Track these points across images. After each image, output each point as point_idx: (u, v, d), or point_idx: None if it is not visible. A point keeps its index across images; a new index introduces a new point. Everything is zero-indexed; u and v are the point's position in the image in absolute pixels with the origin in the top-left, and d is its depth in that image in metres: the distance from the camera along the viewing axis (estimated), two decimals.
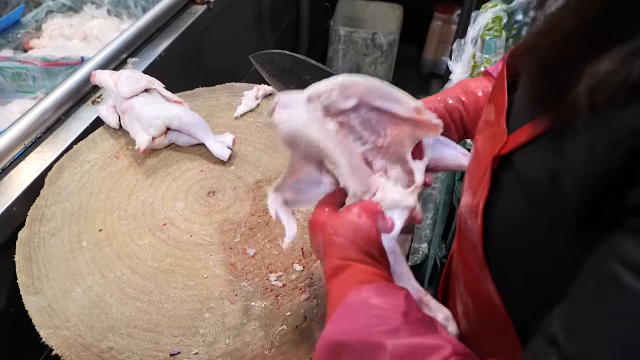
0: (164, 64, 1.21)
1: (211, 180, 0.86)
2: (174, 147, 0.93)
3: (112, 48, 1.14)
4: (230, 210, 0.81)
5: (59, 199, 0.82)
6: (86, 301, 0.68)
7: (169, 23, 1.30)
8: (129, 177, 0.87)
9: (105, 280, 0.71)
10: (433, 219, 1.61)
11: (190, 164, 0.90)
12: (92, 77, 0.97)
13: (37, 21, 1.70)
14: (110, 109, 0.95)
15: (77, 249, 0.75)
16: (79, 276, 0.71)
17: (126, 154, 0.91)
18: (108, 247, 0.75)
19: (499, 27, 1.13)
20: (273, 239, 0.77)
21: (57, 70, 1.42)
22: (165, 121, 0.87)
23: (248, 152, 0.92)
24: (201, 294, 0.69)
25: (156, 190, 0.84)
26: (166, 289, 0.70)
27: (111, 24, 1.69)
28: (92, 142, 0.93)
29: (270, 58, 0.91)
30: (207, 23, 1.41)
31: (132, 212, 0.80)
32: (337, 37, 2.49)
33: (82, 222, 0.79)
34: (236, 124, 0.99)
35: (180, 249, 0.75)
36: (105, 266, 0.73)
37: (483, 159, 0.45)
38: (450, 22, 2.64)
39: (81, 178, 0.86)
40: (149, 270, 0.72)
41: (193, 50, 1.36)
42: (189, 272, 0.72)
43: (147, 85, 0.91)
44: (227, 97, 1.05)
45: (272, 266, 0.73)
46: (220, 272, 0.72)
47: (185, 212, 0.81)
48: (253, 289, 0.70)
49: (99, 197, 0.83)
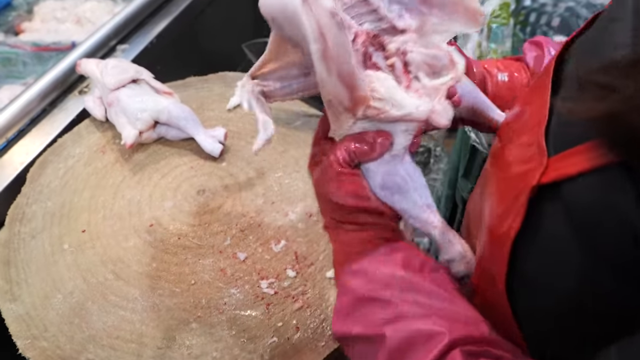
0: (155, 51, 1.15)
1: (201, 178, 0.82)
2: (164, 142, 0.88)
3: (101, 34, 1.09)
4: (220, 211, 0.77)
5: (41, 197, 0.78)
6: (66, 309, 0.65)
7: (162, 7, 1.24)
8: (115, 174, 0.82)
9: (88, 286, 0.67)
10: None
11: (180, 159, 0.85)
12: (77, 67, 0.92)
13: (29, 3, 1.64)
14: (97, 100, 0.90)
15: (59, 252, 0.71)
16: (60, 281, 0.68)
17: (113, 148, 0.86)
18: (91, 250, 0.71)
19: (506, 14, 1.07)
20: (265, 242, 0.73)
21: (47, 55, 1.38)
22: (153, 114, 0.82)
23: (241, 146, 0.88)
24: (188, 302, 0.66)
25: (143, 188, 0.80)
26: (151, 296, 0.66)
27: (105, 7, 1.63)
28: (78, 135, 0.89)
29: (264, 48, 0.86)
30: (202, 7, 1.35)
31: (117, 212, 0.76)
32: None
33: (65, 223, 0.75)
34: (229, 117, 0.94)
35: (168, 252, 0.71)
36: (87, 270, 0.69)
37: (515, 179, 0.39)
38: None
39: (65, 174, 0.82)
40: (133, 276, 0.68)
41: (187, 36, 1.30)
42: (175, 278, 0.68)
43: (134, 75, 0.86)
44: (220, 88, 1.00)
45: (264, 272, 0.69)
46: (208, 278, 0.68)
47: (173, 211, 0.77)
48: (243, 297, 0.66)
49: (83, 195, 0.79)
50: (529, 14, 1.33)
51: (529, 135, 0.40)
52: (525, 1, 1.29)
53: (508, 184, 0.41)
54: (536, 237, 0.37)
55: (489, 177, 0.48)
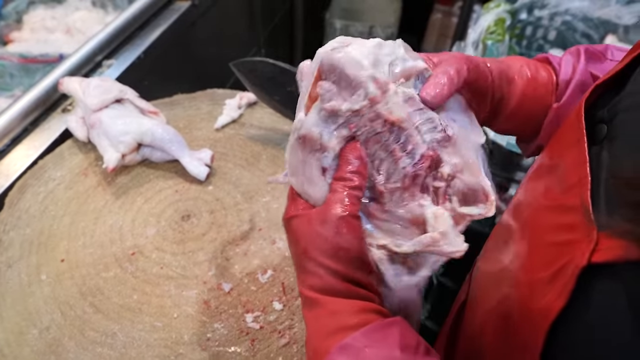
0: (143, 66, 1.13)
1: (187, 202, 0.79)
2: (148, 164, 0.85)
3: (87, 49, 1.06)
4: (205, 238, 0.74)
5: (19, 223, 0.75)
6: (42, 345, 0.62)
7: (150, 21, 1.21)
8: (97, 198, 0.79)
9: (65, 320, 0.64)
10: None
11: (165, 182, 0.82)
12: (59, 85, 0.89)
13: (18, 12, 1.62)
14: (80, 120, 0.87)
15: (36, 283, 0.68)
16: (36, 315, 0.65)
17: (95, 171, 0.83)
18: (70, 281, 0.68)
19: (501, 30, 1.05)
20: (251, 272, 0.70)
21: (35, 67, 1.35)
22: (136, 137, 0.79)
23: (228, 169, 0.85)
24: (170, 337, 0.63)
25: (126, 213, 0.77)
26: (131, 330, 0.63)
27: (95, 17, 1.61)
28: (60, 157, 0.86)
29: (253, 67, 0.83)
30: (192, 20, 1.32)
31: (98, 239, 0.73)
32: (333, 31, 2.40)
33: (43, 251, 0.72)
34: (216, 137, 0.91)
35: (150, 283, 0.68)
36: (65, 303, 0.66)
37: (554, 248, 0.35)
38: (451, 14, 2.55)
39: (44, 199, 0.79)
40: (113, 309, 0.65)
41: (176, 50, 1.28)
42: (157, 311, 0.65)
43: (118, 95, 0.84)
44: (208, 106, 0.97)
45: (249, 304, 0.66)
46: (192, 311, 0.65)
47: (156, 239, 0.74)
48: (227, 332, 0.63)
49: (63, 221, 0.76)
50: (524, 28, 1.31)
51: (567, 199, 0.36)
52: (521, 15, 1.27)
53: (545, 252, 0.37)
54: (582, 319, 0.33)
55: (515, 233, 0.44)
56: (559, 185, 0.38)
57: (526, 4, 1.18)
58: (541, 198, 0.40)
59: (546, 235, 0.37)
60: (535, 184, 0.43)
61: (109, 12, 1.65)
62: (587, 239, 0.31)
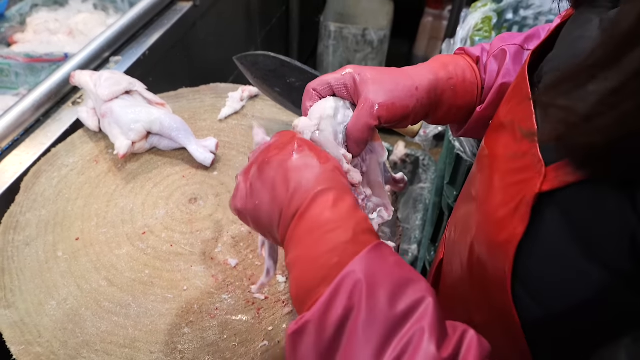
0: (148, 62, 1.18)
1: (193, 187, 0.84)
2: (156, 152, 0.90)
3: (95, 46, 1.11)
4: (212, 218, 0.79)
5: (35, 205, 0.80)
6: (61, 315, 0.66)
7: (153, 20, 1.26)
8: (108, 183, 0.84)
9: (81, 293, 0.68)
10: (422, 220, 1.60)
11: (172, 169, 0.87)
12: (71, 78, 0.94)
13: (22, 15, 1.66)
14: (90, 111, 0.92)
15: (53, 259, 0.72)
16: (54, 288, 0.69)
17: (106, 158, 0.88)
18: (85, 257, 0.73)
19: (488, 27, 1.11)
20: (256, 249, 0.75)
21: (40, 66, 1.39)
22: (145, 125, 0.84)
23: (232, 156, 0.90)
24: (180, 307, 0.67)
25: (136, 197, 0.82)
26: (144, 302, 0.68)
27: (97, 19, 1.65)
28: (71, 145, 0.90)
29: (255, 60, 0.88)
30: (193, 20, 1.37)
31: (110, 220, 0.78)
32: (328, 33, 2.46)
33: (59, 231, 0.76)
34: (220, 127, 0.96)
35: (160, 259, 0.73)
36: (81, 277, 0.70)
37: (513, 187, 0.41)
38: (441, 17, 2.62)
39: (58, 183, 0.83)
40: (126, 282, 0.70)
41: (178, 48, 1.33)
42: (168, 284, 0.70)
43: (127, 87, 0.88)
44: (211, 99, 1.03)
45: (255, 278, 0.71)
46: (200, 284, 0.70)
47: (165, 219, 0.78)
48: (234, 302, 0.68)
49: (77, 203, 0.80)
50: (511, 27, 1.37)
51: (520, 146, 0.42)
52: (507, 15, 1.33)
53: (506, 192, 0.42)
54: (539, 242, 0.38)
55: (479, 185, 0.50)
56: (513, 136, 0.44)
57: (512, 4, 1.24)
58: (500, 148, 0.47)
59: (506, 178, 0.43)
60: (493, 138, 0.50)
61: (111, 14, 1.70)
62: (538, 174, 0.38)
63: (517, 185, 0.40)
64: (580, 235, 0.35)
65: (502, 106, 0.52)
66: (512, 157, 0.43)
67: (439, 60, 0.62)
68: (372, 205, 0.59)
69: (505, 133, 0.47)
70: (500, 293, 0.41)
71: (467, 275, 0.50)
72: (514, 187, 0.41)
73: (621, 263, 0.33)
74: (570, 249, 0.36)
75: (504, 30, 1.33)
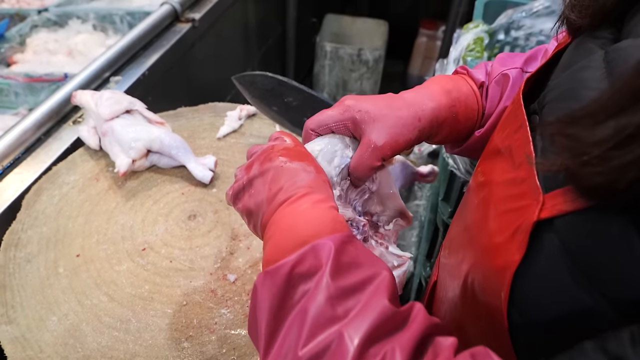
0: (147, 82, 1.20)
1: (192, 204, 0.86)
2: (155, 169, 0.92)
3: (95, 67, 1.13)
4: (211, 235, 0.80)
5: (36, 222, 0.81)
6: (61, 330, 0.67)
7: (153, 41, 1.29)
8: (108, 200, 0.85)
9: (82, 308, 0.69)
10: (418, 236, 1.61)
11: (172, 186, 0.89)
12: (72, 98, 0.96)
13: (22, 36, 1.68)
14: (91, 129, 0.93)
15: (54, 275, 0.73)
16: (55, 304, 0.70)
17: (106, 176, 0.90)
18: (85, 273, 0.74)
19: (480, 47, 1.14)
20: (254, 264, 0.76)
21: (39, 86, 1.41)
22: (145, 144, 0.86)
23: (230, 173, 0.92)
24: (180, 322, 0.68)
25: (136, 214, 0.83)
26: (144, 317, 0.69)
27: (97, 39, 1.68)
28: (72, 163, 0.92)
29: (253, 80, 0.91)
30: (192, 41, 1.40)
31: (111, 237, 0.79)
32: (324, 53, 2.50)
33: (60, 247, 0.77)
34: (219, 145, 0.98)
35: (160, 274, 0.74)
36: (82, 293, 0.71)
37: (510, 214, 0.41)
38: (435, 38, 2.67)
39: (59, 201, 0.84)
40: (127, 298, 0.71)
41: (177, 68, 1.36)
42: (167, 299, 0.71)
43: (128, 106, 0.90)
44: (210, 118, 1.05)
45: None
46: (199, 299, 0.71)
47: (165, 236, 0.80)
48: (233, 317, 0.69)
49: (78, 220, 0.81)
50: (502, 48, 1.40)
51: (518, 173, 0.43)
52: (498, 35, 1.37)
53: (502, 218, 0.43)
54: (536, 269, 0.39)
55: (473, 210, 0.51)
56: (510, 163, 0.45)
57: (503, 25, 1.28)
58: (496, 175, 0.47)
59: (502, 205, 0.43)
60: (489, 164, 0.51)
61: (110, 35, 1.72)
62: (536, 201, 0.38)
63: (514, 212, 0.41)
64: (579, 263, 0.35)
65: (498, 133, 0.53)
66: (509, 184, 0.44)
67: (440, 85, 0.61)
68: (386, 218, 0.63)
69: (502, 160, 0.47)
70: (496, 318, 0.42)
71: (460, 300, 0.51)
72: (511, 214, 0.41)
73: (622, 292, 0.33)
74: (568, 276, 0.36)
75: (496, 51, 1.37)
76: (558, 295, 0.37)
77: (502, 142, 0.49)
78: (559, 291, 0.37)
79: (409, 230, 1.67)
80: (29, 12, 1.71)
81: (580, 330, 0.36)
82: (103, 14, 1.66)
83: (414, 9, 2.85)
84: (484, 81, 0.64)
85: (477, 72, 0.65)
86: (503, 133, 0.50)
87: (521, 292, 0.40)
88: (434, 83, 0.62)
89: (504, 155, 0.47)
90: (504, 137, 0.49)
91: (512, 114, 0.48)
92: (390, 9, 2.95)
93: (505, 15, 1.32)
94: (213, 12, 1.49)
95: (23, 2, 1.83)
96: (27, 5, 1.80)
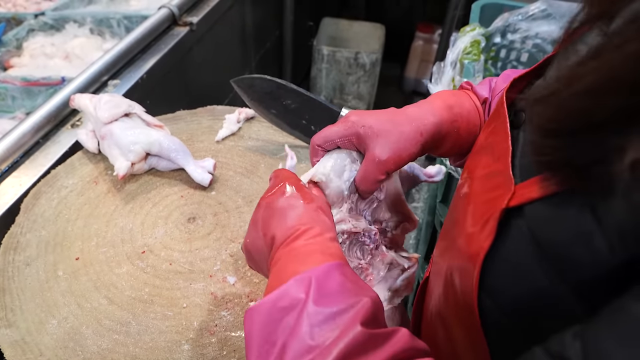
0: (146, 86, 1.20)
1: (192, 206, 0.86)
2: (154, 172, 0.92)
3: (93, 70, 1.14)
4: (210, 237, 0.80)
5: (35, 226, 0.81)
6: (61, 333, 0.67)
7: (151, 45, 1.30)
8: (107, 203, 0.85)
9: (82, 311, 0.69)
10: (416, 238, 1.62)
11: (171, 189, 0.89)
12: (71, 102, 0.96)
13: (18, 40, 1.68)
14: (90, 133, 0.94)
15: (53, 279, 0.73)
16: (54, 307, 0.70)
17: (105, 179, 0.90)
18: (85, 277, 0.74)
19: (477, 51, 1.15)
20: None
21: (37, 90, 1.41)
22: (144, 147, 0.86)
23: (229, 176, 0.92)
24: (180, 324, 0.68)
25: (135, 217, 0.83)
26: (144, 319, 0.69)
27: (94, 43, 1.68)
28: (71, 166, 0.92)
29: (252, 83, 0.91)
30: (190, 45, 1.41)
31: (110, 240, 0.79)
32: (321, 57, 2.51)
33: (59, 251, 0.77)
34: (217, 148, 0.98)
35: (159, 277, 0.74)
36: (81, 296, 0.71)
37: (485, 205, 0.43)
38: (431, 41, 2.69)
39: (58, 204, 0.84)
40: (126, 300, 0.71)
41: (175, 72, 1.36)
42: (167, 302, 0.71)
43: (127, 109, 0.90)
44: (208, 121, 1.05)
45: (253, 294, 0.72)
46: (199, 301, 0.71)
47: (164, 239, 0.80)
48: (233, 319, 0.69)
49: (77, 224, 0.81)
50: (499, 51, 1.42)
51: (495, 166, 0.45)
52: (495, 38, 1.38)
53: (478, 209, 0.45)
54: (504, 255, 0.41)
55: (458, 205, 0.53)
56: (491, 157, 0.47)
57: (499, 28, 1.29)
58: (479, 169, 0.49)
59: (481, 197, 0.45)
60: (474, 161, 0.52)
61: (107, 39, 1.73)
62: (508, 191, 0.40)
63: (488, 202, 0.43)
64: (542, 246, 0.37)
65: (483, 131, 0.55)
66: (487, 177, 0.46)
67: (443, 100, 0.63)
68: (394, 223, 0.65)
69: (484, 155, 0.49)
70: (469, 306, 0.43)
71: (443, 295, 0.52)
72: (486, 205, 0.43)
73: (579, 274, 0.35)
74: (532, 261, 0.38)
75: (492, 53, 1.38)
76: (522, 279, 0.39)
77: (486, 139, 0.51)
78: (523, 274, 0.39)
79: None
80: (26, 15, 1.71)
81: (543, 315, 0.38)
82: (100, 17, 1.66)
83: (411, 13, 2.87)
84: (487, 97, 0.65)
85: (481, 88, 0.66)
86: (487, 130, 0.52)
87: (490, 277, 0.42)
88: (436, 98, 0.63)
89: (486, 150, 0.49)
90: (488, 134, 0.51)
91: (496, 112, 0.50)
92: (386, 13, 2.97)
93: (501, 18, 1.33)
94: (211, 16, 1.49)
95: (20, 6, 1.83)
96: (24, 9, 1.80)
